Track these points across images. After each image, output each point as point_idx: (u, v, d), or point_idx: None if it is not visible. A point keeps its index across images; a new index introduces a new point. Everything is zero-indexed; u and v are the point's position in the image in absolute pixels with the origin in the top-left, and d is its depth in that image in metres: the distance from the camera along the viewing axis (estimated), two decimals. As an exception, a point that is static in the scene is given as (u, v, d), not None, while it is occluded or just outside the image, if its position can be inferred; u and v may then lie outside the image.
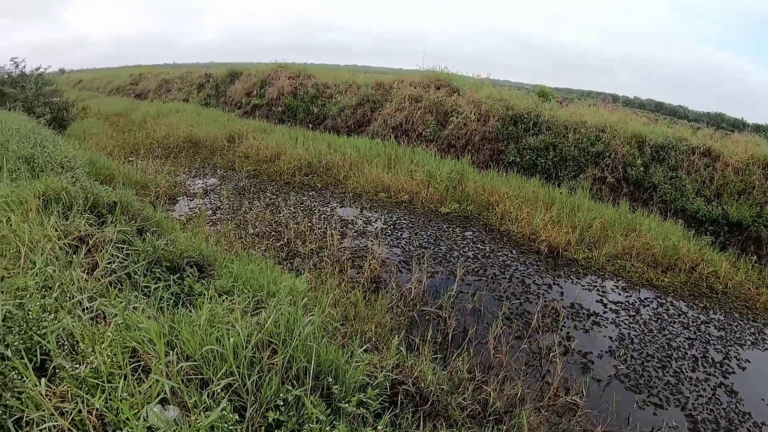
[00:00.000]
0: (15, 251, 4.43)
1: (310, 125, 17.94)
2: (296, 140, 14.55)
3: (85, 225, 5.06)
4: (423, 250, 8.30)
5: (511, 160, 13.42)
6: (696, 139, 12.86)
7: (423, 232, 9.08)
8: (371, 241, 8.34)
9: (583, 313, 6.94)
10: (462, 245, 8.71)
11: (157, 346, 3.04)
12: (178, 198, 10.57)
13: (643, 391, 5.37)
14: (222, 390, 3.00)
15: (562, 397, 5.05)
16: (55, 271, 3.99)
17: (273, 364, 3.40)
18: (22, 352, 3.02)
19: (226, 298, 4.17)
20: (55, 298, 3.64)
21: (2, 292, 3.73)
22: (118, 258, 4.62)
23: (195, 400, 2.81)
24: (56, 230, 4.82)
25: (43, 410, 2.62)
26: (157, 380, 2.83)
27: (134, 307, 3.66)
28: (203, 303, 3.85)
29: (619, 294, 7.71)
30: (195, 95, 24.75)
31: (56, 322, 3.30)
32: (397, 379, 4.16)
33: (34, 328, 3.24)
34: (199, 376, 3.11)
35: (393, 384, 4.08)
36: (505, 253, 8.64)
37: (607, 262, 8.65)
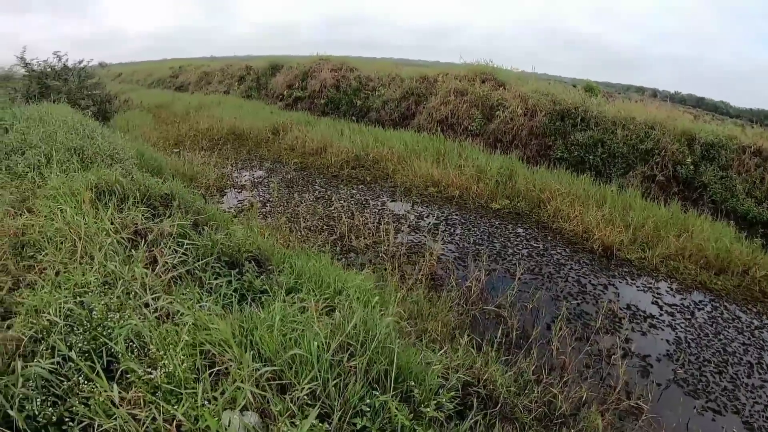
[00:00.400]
0: (71, 245, 4.40)
1: (354, 118, 17.98)
2: (341, 133, 14.65)
3: (141, 218, 5.06)
4: (477, 246, 8.33)
5: (559, 155, 13.30)
6: (746, 138, 12.52)
7: (476, 228, 9.10)
8: (425, 236, 8.42)
9: (640, 315, 6.87)
10: (515, 242, 8.71)
11: (233, 348, 3.00)
12: (226, 190, 10.72)
13: (701, 397, 5.33)
14: (306, 396, 2.90)
15: (624, 400, 5.04)
16: (116, 267, 3.92)
17: (352, 367, 3.29)
18: (91, 354, 2.96)
19: (295, 297, 4.18)
20: (117, 296, 3.57)
21: (60, 287, 3.72)
22: (177, 253, 4.58)
23: (281, 408, 2.74)
24: (112, 223, 4.79)
25: (116, 418, 2.55)
26: (238, 386, 2.75)
27: (201, 306, 3.61)
28: (272, 302, 3.82)
29: (674, 296, 7.60)
30: (236, 87, 25.05)
31: (122, 322, 3.22)
32: (467, 380, 4.16)
33: (98, 328, 3.17)
34: (278, 381, 3.01)
35: (463, 385, 4.08)
36: (559, 251, 8.62)
37: (661, 263, 8.52)
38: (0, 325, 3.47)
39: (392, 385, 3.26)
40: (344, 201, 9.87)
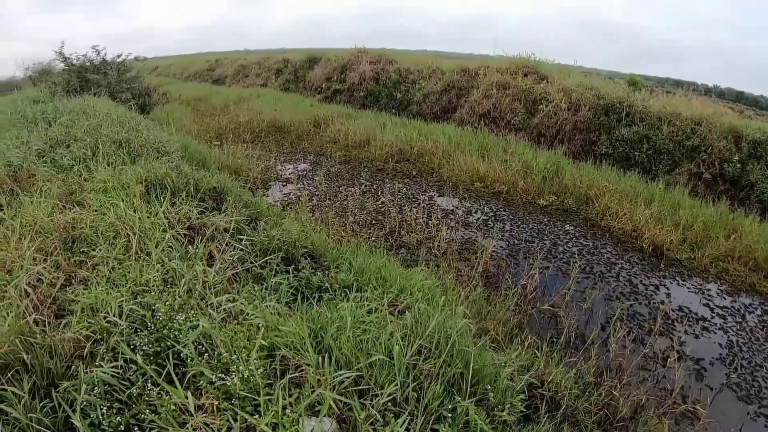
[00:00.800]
0: (124, 240, 4.36)
1: (394, 111, 18.05)
2: (383, 126, 14.76)
3: (194, 213, 5.06)
4: (528, 243, 8.40)
5: (603, 151, 13.19)
6: None
7: (525, 225, 9.14)
8: (475, 232, 8.52)
9: (692, 317, 6.83)
10: (565, 240, 8.74)
11: (309, 352, 2.93)
12: (271, 183, 10.88)
13: (754, 402, 5.31)
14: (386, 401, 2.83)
15: (681, 405, 5.03)
16: (177, 264, 3.89)
17: (428, 370, 3.23)
18: (157, 357, 2.92)
19: (360, 296, 4.15)
20: (180, 296, 3.50)
21: (116, 285, 3.69)
22: (234, 249, 4.58)
23: (365, 415, 2.68)
24: (166, 218, 4.79)
25: (189, 426, 2.47)
26: (320, 393, 2.67)
27: (267, 306, 3.55)
28: (337, 301, 3.84)
29: (724, 298, 7.52)
30: (273, 80, 25.33)
31: (189, 323, 3.14)
32: (532, 382, 4.20)
33: (164, 330, 3.09)
34: (357, 387, 2.92)
35: (528, 386, 4.11)
36: (609, 249, 8.62)
37: (710, 264, 8.42)
38: (55, 323, 3.44)
39: (468, 388, 3.22)
40: (391, 195, 9.97)
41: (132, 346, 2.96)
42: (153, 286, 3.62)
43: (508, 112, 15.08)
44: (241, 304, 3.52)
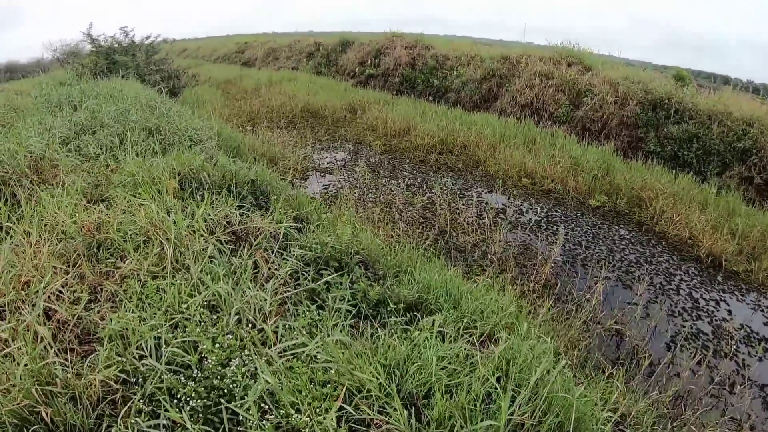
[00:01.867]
0: (158, 248, 3.88)
1: (431, 98, 17.64)
2: (423, 114, 14.40)
3: (236, 216, 4.55)
4: (583, 249, 8.10)
5: (652, 149, 12.76)
6: None
7: (578, 228, 8.81)
8: (529, 235, 8.22)
9: (754, 337, 6.47)
10: (621, 246, 8.41)
11: (398, 411, 2.61)
12: (308, 173, 10.54)
13: None
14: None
15: None
16: (222, 288, 3.39)
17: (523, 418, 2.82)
18: (215, 413, 2.54)
19: (431, 319, 3.67)
20: (229, 331, 3.05)
21: (149, 306, 3.26)
22: (285, 260, 4.13)
23: None
24: (205, 221, 4.27)
25: None
26: None
27: (330, 337, 3.12)
28: (411, 328, 3.42)
29: None
30: (305, 63, 24.86)
31: (245, 368, 2.74)
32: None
33: (214, 379, 2.68)
34: None
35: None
36: (666, 258, 8.29)
37: (766, 278, 8.13)
38: (80, 351, 3.05)
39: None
40: (438, 190, 9.67)
41: (174, 395, 2.60)
42: (195, 312, 3.21)
43: (552, 104, 14.63)
44: (302, 335, 3.16)
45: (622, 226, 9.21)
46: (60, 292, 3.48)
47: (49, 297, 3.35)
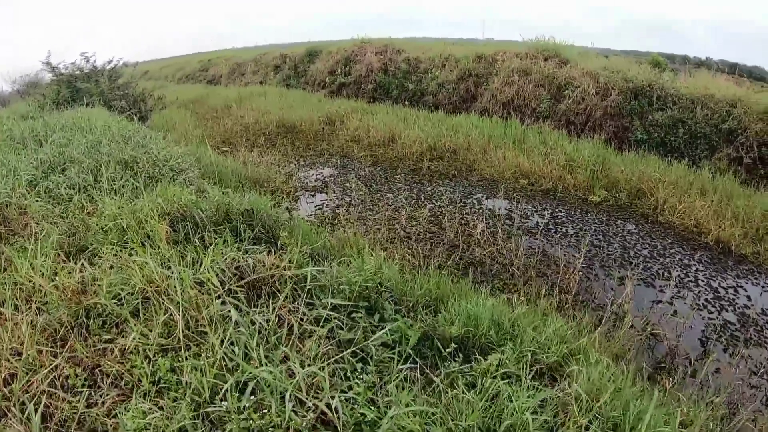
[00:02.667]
0: (164, 314, 3.26)
1: (407, 103, 17.31)
2: (404, 120, 14.03)
3: (242, 259, 3.87)
4: (597, 249, 7.84)
5: (639, 137, 12.69)
6: None
7: (587, 227, 8.54)
8: (541, 240, 7.92)
9: None
10: (633, 242, 8.20)
11: None
12: (297, 193, 9.91)
13: None
14: None
15: None
16: (266, 373, 2.75)
17: None
18: None
19: (499, 362, 3.33)
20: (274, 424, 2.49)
21: (165, 390, 2.74)
22: (310, 308, 3.58)
23: None
24: (215, 272, 3.59)
25: None
26: None
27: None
28: (475, 373, 3.12)
29: None
30: (272, 77, 24.19)
31: None
32: None
33: None
34: None
35: None
36: (677, 249, 8.11)
37: None
38: None
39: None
40: (437, 200, 9.30)
41: None
42: (231, 403, 2.65)
43: (533, 100, 14.44)
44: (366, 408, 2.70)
45: (628, 220, 9.03)
46: (51, 390, 2.90)
47: (37, 394, 2.79)
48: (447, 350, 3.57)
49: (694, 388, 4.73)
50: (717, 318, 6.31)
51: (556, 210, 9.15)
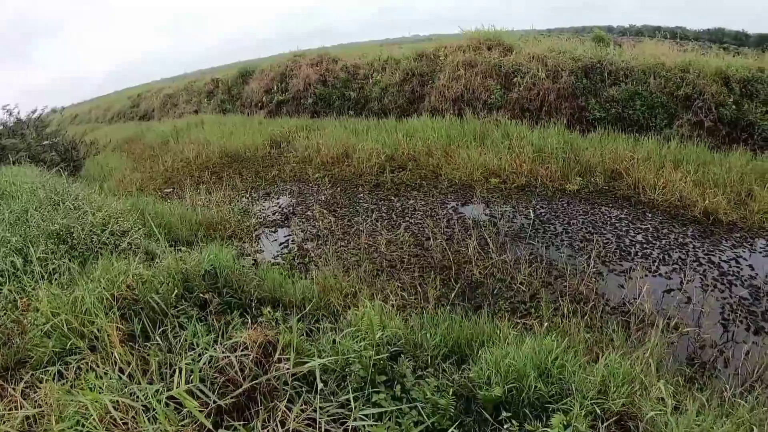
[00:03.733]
0: None
1: (351, 112, 16.54)
2: (355, 132, 13.23)
3: (227, 357, 2.96)
4: (593, 243, 7.24)
5: (597, 116, 12.39)
6: None
7: (574, 221, 8.00)
8: (533, 244, 7.26)
9: None
10: (625, 229, 7.69)
11: None
12: (256, 230, 8.60)
13: None
14: None
15: None
16: None
17: None
18: None
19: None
20: None
21: None
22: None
23: None
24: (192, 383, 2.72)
25: None
26: None
27: None
28: None
29: None
30: (206, 104, 22.81)
31: None
32: None
33: None
34: None
35: None
36: (669, 228, 7.69)
37: (762, 220, 7.77)
38: None
39: None
40: (411, 217, 8.53)
41: None
42: None
43: (483, 91, 13.93)
44: None
45: (611, 206, 8.58)
46: None
47: None
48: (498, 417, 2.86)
49: (736, 381, 4.28)
50: (730, 296, 5.93)
51: (537, 207, 8.58)
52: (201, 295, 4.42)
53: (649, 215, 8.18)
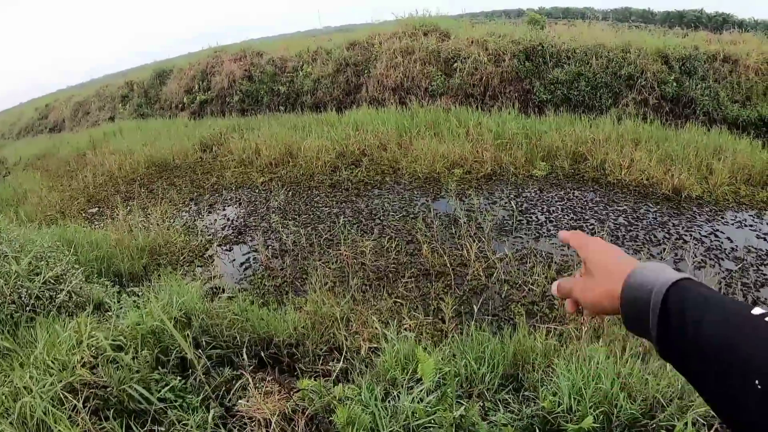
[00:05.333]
0: None
1: (282, 108, 15.51)
2: (296, 129, 12.26)
3: None
4: (579, 230, 6.91)
5: (543, 98, 12.23)
6: (713, 47, 12.73)
7: (552, 208, 7.62)
8: (521, 237, 6.79)
9: (764, 254, 6.17)
10: (603, 212, 7.41)
11: None
12: (209, 252, 7.30)
13: None
14: None
15: None
16: None
17: None
18: None
19: None
20: None
21: None
22: None
23: None
24: None
25: None
26: None
27: None
28: None
29: (764, 224, 7.06)
30: (121, 110, 20.68)
31: None
32: None
33: None
34: None
35: None
36: (646, 208, 7.54)
37: (723, 194, 7.93)
38: None
39: None
40: (380, 218, 7.77)
41: None
42: None
43: (423, 79, 13.44)
44: None
45: (584, 189, 8.30)
46: None
47: None
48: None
49: None
50: (721, 271, 5.87)
51: (511, 195, 8.15)
52: (180, 356, 3.52)
53: (621, 196, 7.99)
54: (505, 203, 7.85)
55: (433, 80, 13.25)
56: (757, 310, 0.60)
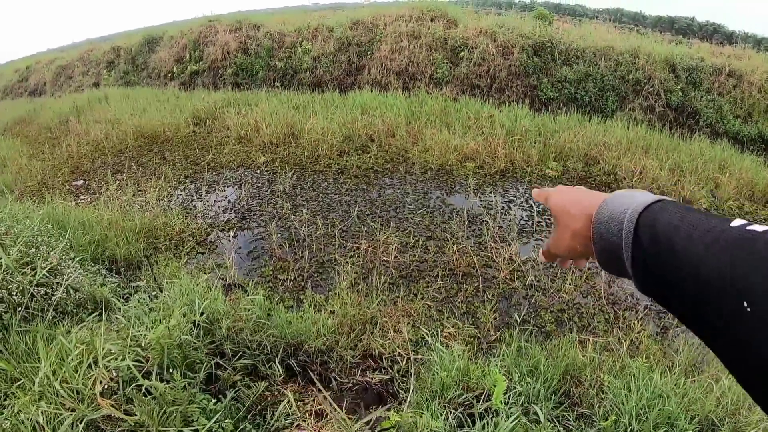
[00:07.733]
0: None
1: (278, 84, 15.00)
2: (297, 108, 11.83)
3: None
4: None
5: (550, 95, 12.11)
6: (718, 59, 12.75)
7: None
8: (545, 241, 6.69)
9: None
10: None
11: None
12: (210, 237, 6.76)
13: None
14: None
15: None
16: None
17: None
18: None
19: None
20: None
21: None
22: None
23: None
24: None
25: None
26: None
27: None
28: None
29: None
30: (106, 76, 19.60)
31: None
32: None
33: None
34: None
35: None
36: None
37: (729, 209, 7.96)
38: None
39: None
40: (395, 210, 7.39)
41: None
42: None
43: (428, 65, 13.16)
44: None
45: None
46: None
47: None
48: None
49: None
50: None
51: (527, 196, 8.01)
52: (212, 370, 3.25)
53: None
54: (522, 203, 7.71)
55: (438, 68, 12.98)
56: (737, 222, 0.55)
